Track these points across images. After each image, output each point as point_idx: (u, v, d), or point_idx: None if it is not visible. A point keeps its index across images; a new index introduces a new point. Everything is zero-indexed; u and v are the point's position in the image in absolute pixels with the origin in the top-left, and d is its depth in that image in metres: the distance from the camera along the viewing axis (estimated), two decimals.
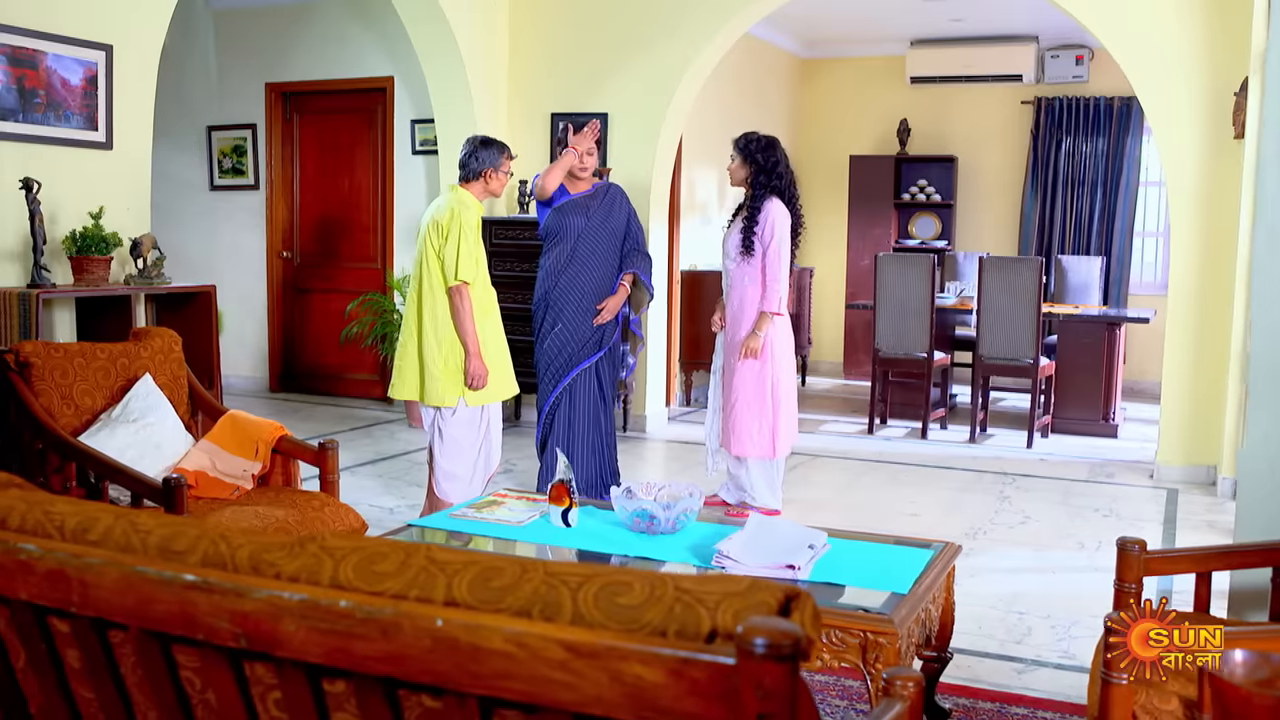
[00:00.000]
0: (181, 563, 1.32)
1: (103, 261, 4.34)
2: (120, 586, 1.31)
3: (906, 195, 9.80)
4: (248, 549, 1.29)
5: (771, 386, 4.70)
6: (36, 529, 1.42)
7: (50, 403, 3.22)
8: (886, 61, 9.78)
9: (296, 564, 1.26)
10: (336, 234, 7.99)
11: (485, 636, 1.12)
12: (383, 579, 1.22)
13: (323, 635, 1.20)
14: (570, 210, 4.89)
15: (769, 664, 1.02)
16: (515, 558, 1.22)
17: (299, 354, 8.16)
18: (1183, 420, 5.87)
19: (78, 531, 1.40)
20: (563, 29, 7.05)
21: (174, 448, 3.43)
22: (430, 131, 7.42)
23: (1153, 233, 9.47)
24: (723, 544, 2.58)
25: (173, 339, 3.64)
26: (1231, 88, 5.59)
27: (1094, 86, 9.21)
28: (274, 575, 1.27)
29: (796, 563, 2.49)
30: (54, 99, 4.37)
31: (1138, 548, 2.49)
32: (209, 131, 8.17)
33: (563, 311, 4.88)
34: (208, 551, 1.31)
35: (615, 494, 2.86)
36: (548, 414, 4.95)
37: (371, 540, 1.27)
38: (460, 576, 1.20)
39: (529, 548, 2.80)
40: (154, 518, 1.38)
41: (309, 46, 7.87)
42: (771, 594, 1.12)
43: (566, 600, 1.14)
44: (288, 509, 3.20)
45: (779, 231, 4.64)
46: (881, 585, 2.47)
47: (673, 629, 1.10)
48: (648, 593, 1.13)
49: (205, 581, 1.26)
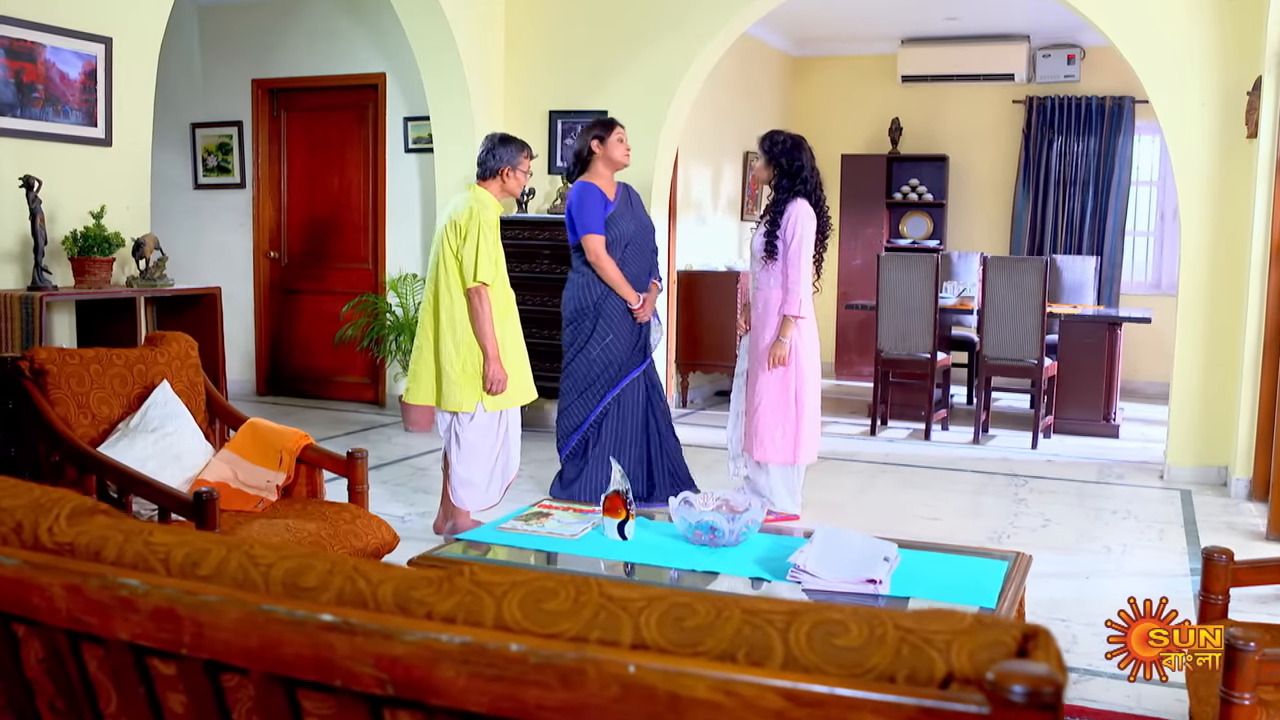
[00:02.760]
0: (313, 601, 1.19)
1: (105, 263, 4.17)
2: (242, 627, 1.18)
3: (898, 195, 9.75)
4: (390, 585, 1.17)
5: (796, 392, 4.60)
6: (138, 562, 1.29)
7: (67, 412, 3.05)
8: (878, 60, 9.73)
9: (451, 602, 1.14)
10: (326, 234, 7.81)
11: (686, 684, 1.00)
12: (556, 619, 1.09)
13: (488, 682, 1.07)
14: (619, 217, 4.79)
15: (1029, 714, 0.92)
16: (705, 594, 1.10)
17: (287, 357, 7.97)
18: (1193, 421, 5.84)
19: (186, 565, 1.26)
20: (561, 25, 6.92)
21: (194, 458, 3.27)
22: (423, 129, 7.26)
23: (1143, 232, 9.48)
24: (797, 557, 2.47)
25: (189, 344, 3.48)
26: (1244, 86, 5.56)
27: (1085, 86, 9.21)
28: (425, 615, 1.14)
29: (876, 576, 2.38)
30: (52, 93, 4.18)
31: (1225, 558, 2.41)
32: (193, 129, 7.95)
33: (615, 322, 4.77)
34: (343, 589, 1.18)
35: (674, 505, 2.75)
36: (593, 424, 4.80)
37: (530, 574, 1.15)
38: (646, 615, 1.08)
39: (588, 562, 2.67)
40: (272, 550, 1.25)
41: (296, 42, 7.68)
42: (1007, 632, 1.01)
43: (776, 642, 1.03)
44: (319, 522, 3.06)
45: (800, 233, 4.55)
46: (967, 599, 2.37)
47: (902, 673, 0.99)
48: (867, 633, 1.02)
49: (346, 622, 1.13)
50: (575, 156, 4.85)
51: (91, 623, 1.29)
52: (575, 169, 4.86)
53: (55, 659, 1.36)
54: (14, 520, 1.37)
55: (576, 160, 4.84)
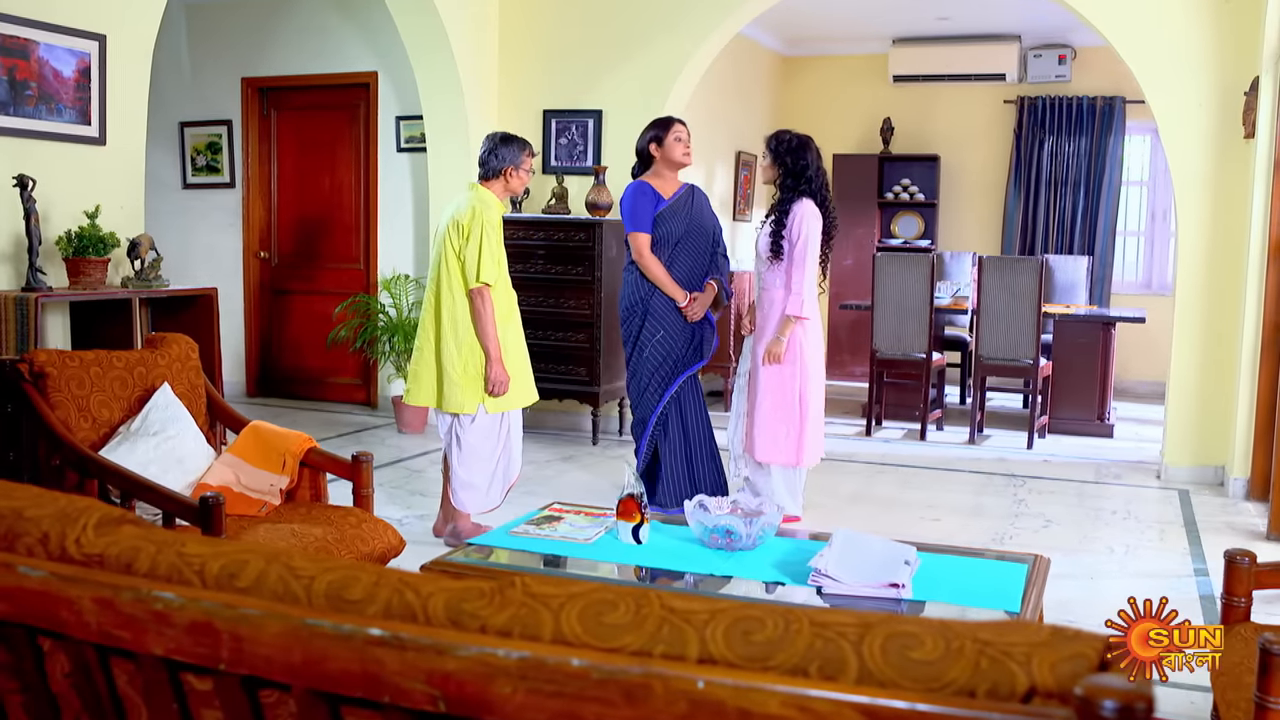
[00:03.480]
0: (360, 614, 1.15)
1: (100, 263, 4.10)
2: (284, 642, 1.14)
3: (890, 194, 9.74)
4: (441, 598, 1.13)
5: (800, 394, 4.57)
6: (171, 574, 1.24)
7: (67, 415, 2.99)
8: (869, 60, 9.72)
9: (506, 615, 1.10)
10: (317, 234, 7.74)
11: (758, 700, 0.97)
12: (618, 633, 1.06)
13: (547, 699, 1.04)
14: (670, 216, 4.75)
15: None
16: (771, 606, 1.06)
17: (278, 358, 7.89)
18: (1190, 421, 5.84)
19: (223, 577, 1.22)
20: (556, 24, 6.87)
21: (196, 462, 3.22)
22: (416, 128, 7.20)
23: (1134, 232, 9.50)
24: (817, 561, 2.44)
25: (189, 346, 3.42)
26: (1241, 87, 5.56)
27: (1076, 86, 9.22)
28: (479, 629, 1.10)
29: (899, 580, 2.35)
30: (46, 91, 4.12)
31: (1247, 560, 2.39)
32: (181, 128, 7.87)
33: (665, 318, 4.72)
34: (391, 601, 1.14)
35: (689, 508, 2.71)
36: (656, 424, 4.77)
37: (587, 586, 1.11)
38: (712, 629, 1.04)
39: (604, 567, 2.64)
40: (314, 562, 1.21)
41: (287, 40, 7.61)
42: (1089, 644, 0.98)
43: (849, 655, 0.99)
44: (324, 527, 3.01)
45: (806, 233, 4.52)
46: (991, 604, 2.34)
47: (982, 688, 0.96)
48: (943, 645, 0.99)
49: (395, 637, 1.09)
50: (637, 155, 4.87)
51: (123, 637, 1.25)
52: (638, 167, 4.88)
53: (83, 673, 1.32)
54: (40, 531, 1.32)
55: (639, 159, 4.86)
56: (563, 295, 6.48)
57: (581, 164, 6.86)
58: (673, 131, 4.75)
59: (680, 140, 4.75)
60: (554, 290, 6.51)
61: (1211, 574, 4.28)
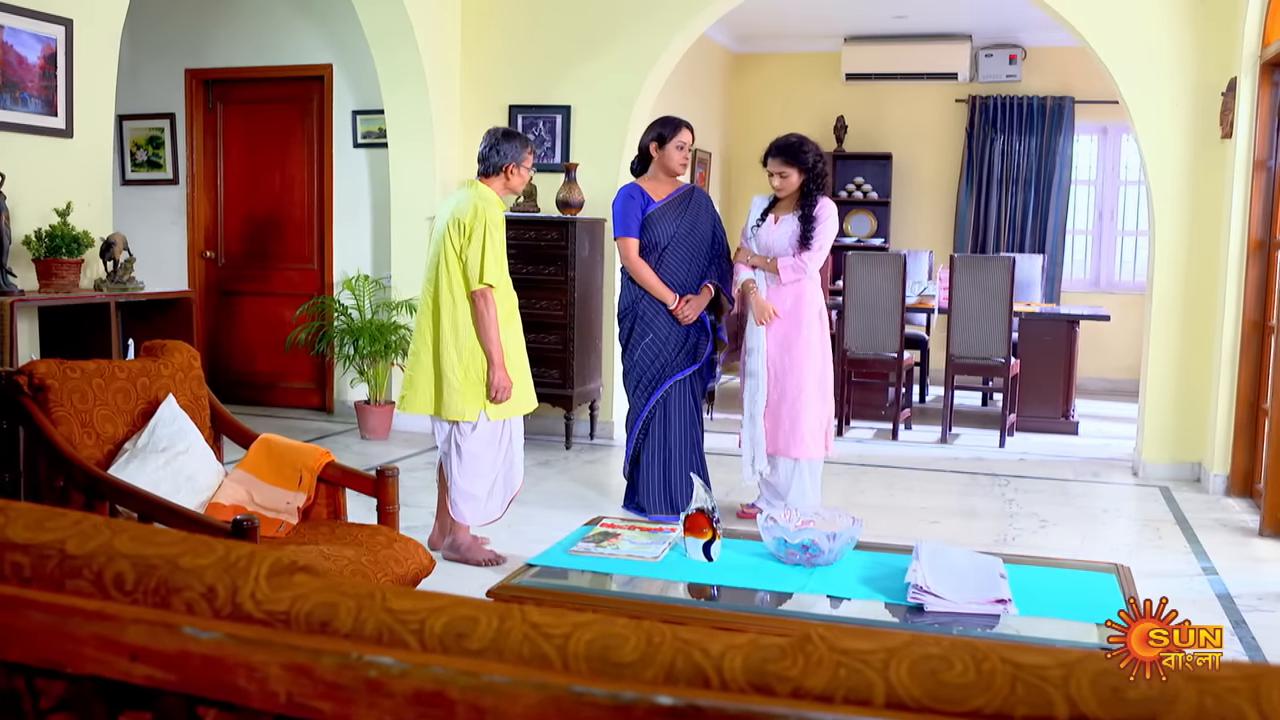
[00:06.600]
0: (636, 679, 0.98)
1: (74, 264, 3.81)
2: (544, 713, 0.98)
3: (843, 193, 9.73)
4: (738, 658, 0.97)
5: (826, 380, 4.63)
6: (381, 634, 1.06)
7: (70, 431, 2.73)
8: (821, 58, 9.69)
9: (822, 677, 0.94)
10: (267, 233, 7.41)
11: None
12: (965, 694, 0.91)
13: None
14: (660, 217, 4.64)
15: None
16: (954, 639, 0.94)
17: (226, 362, 7.54)
18: (1167, 418, 5.90)
19: (448, 638, 1.04)
20: (521, 16, 6.68)
21: (206, 479, 2.98)
22: (374, 123, 6.95)
23: (1082, 231, 9.64)
24: (913, 576, 2.32)
25: (191, 354, 3.17)
26: (1218, 87, 5.62)
27: (1026, 86, 9.31)
28: (790, 693, 0.95)
29: (1004, 595, 2.25)
30: (10, 79, 3.81)
31: None
32: (120, 121, 7.45)
33: (653, 321, 4.63)
34: (673, 663, 0.98)
35: (761, 522, 2.57)
36: (640, 428, 4.66)
37: (902, 636, 0.96)
38: None
39: (674, 587, 2.48)
40: (558, 616, 1.04)
41: (234, 31, 7.27)
42: None
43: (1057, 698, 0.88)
44: (355, 548, 2.80)
45: (833, 227, 4.73)
46: (1092, 617, 2.25)
47: None
48: (1157, 688, 0.87)
49: (692, 705, 0.93)
50: (639, 150, 4.75)
51: (321, 709, 1.06)
52: (636, 163, 4.78)
53: None
54: (204, 584, 1.13)
55: (639, 155, 4.75)
56: (534, 296, 6.28)
57: (549, 160, 6.67)
58: (677, 138, 4.65)
59: (681, 149, 4.66)
60: (525, 291, 6.23)
61: (1221, 572, 4.29)
